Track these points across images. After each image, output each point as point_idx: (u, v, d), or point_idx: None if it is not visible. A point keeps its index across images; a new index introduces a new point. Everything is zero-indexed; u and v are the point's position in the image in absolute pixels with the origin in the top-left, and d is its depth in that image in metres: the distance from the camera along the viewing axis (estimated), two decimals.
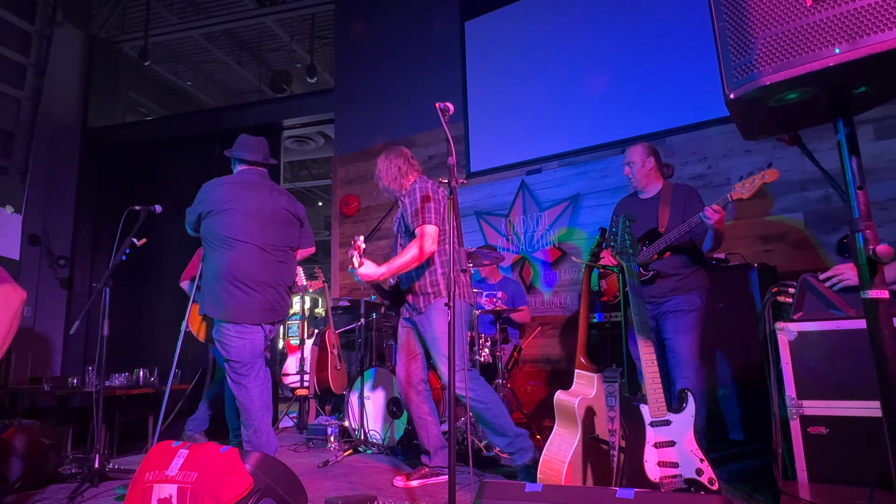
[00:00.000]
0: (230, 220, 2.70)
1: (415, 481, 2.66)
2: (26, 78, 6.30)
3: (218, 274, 2.66)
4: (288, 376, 6.17)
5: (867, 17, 0.96)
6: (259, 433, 2.65)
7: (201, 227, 2.77)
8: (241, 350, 2.65)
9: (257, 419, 2.66)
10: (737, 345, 3.14)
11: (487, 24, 5.27)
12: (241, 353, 2.66)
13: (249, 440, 2.66)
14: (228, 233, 2.68)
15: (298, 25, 7.82)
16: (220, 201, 2.72)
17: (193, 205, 2.79)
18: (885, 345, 1.06)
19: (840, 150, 1.14)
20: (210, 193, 2.75)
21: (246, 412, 2.66)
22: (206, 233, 2.74)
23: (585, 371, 2.37)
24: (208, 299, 2.69)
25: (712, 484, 1.94)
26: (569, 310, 4.52)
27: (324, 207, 13.12)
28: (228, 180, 2.83)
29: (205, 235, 2.75)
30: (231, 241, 2.68)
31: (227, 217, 2.70)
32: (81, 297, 6.64)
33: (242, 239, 2.69)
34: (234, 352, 2.65)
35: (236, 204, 2.71)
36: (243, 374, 2.67)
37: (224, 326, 2.66)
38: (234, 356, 2.66)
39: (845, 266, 2.03)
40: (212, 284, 2.68)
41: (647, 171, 2.93)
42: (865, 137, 3.49)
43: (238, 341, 2.66)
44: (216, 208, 2.71)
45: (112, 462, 3.08)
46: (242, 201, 2.73)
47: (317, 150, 8.69)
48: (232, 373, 2.67)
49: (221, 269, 2.66)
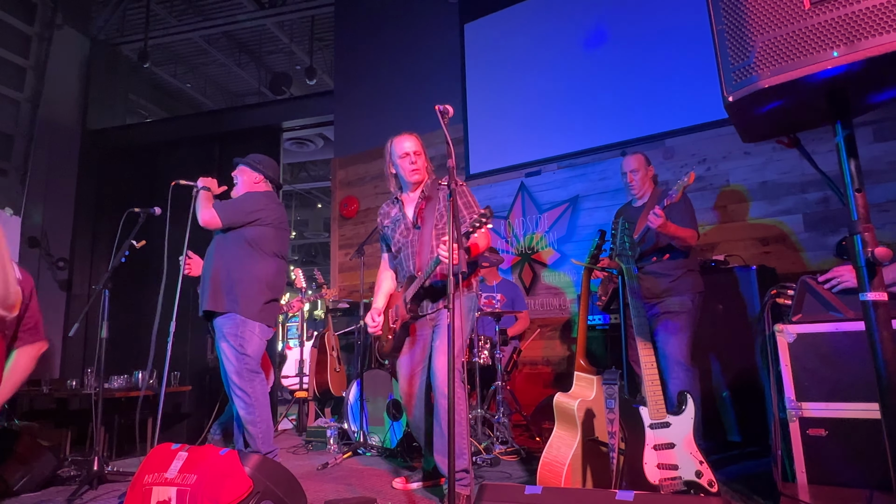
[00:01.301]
0: (284, 237, 3.03)
1: (415, 483, 2.65)
2: (26, 80, 6.30)
3: (262, 279, 2.86)
4: (287, 378, 6.18)
5: (865, 21, 0.97)
6: (264, 422, 2.78)
7: (251, 231, 2.87)
8: (258, 348, 2.84)
9: (264, 411, 2.79)
10: (736, 346, 3.14)
11: (487, 27, 5.28)
12: (258, 351, 2.84)
13: (256, 435, 2.73)
14: (280, 250, 2.98)
15: (298, 27, 7.82)
16: (279, 219, 2.98)
17: (250, 206, 2.89)
18: (884, 347, 1.07)
19: (839, 153, 1.14)
20: (271, 206, 2.95)
21: (256, 405, 2.75)
22: (259, 239, 2.88)
23: (585, 373, 2.37)
24: (242, 298, 2.79)
25: (712, 486, 1.94)
26: (568, 312, 4.52)
27: (323, 209, 13.13)
28: (277, 198, 3.10)
29: (255, 240, 2.88)
30: (280, 256, 2.98)
31: (282, 234, 3.00)
32: (80, 299, 6.62)
33: (285, 256, 3.06)
34: (253, 348, 2.80)
35: (285, 224, 3.05)
36: (257, 370, 2.82)
37: (250, 324, 2.79)
38: (253, 353, 2.80)
39: (844, 268, 2.03)
40: (252, 285, 2.83)
41: (648, 179, 3.08)
42: (864, 140, 3.50)
43: (258, 340, 2.83)
44: (275, 223, 2.95)
45: (111, 464, 3.07)
46: (285, 222, 3.06)
47: (316, 151, 8.69)
48: (247, 368, 2.76)
49: (268, 277, 2.88)
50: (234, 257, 2.84)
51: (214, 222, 2.84)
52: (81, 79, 7.18)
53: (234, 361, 2.74)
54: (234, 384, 2.74)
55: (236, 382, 2.73)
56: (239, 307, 2.77)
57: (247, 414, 2.73)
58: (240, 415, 2.75)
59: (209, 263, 2.90)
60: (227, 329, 2.75)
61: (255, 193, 2.98)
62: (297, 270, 4.36)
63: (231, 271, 2.80)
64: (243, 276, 2.82)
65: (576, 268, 4.48)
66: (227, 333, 2.75)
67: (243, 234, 2.86)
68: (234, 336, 2.75)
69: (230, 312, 2.76)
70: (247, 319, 2.78)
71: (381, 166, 5.62)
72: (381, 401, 3.67)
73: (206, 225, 2.85)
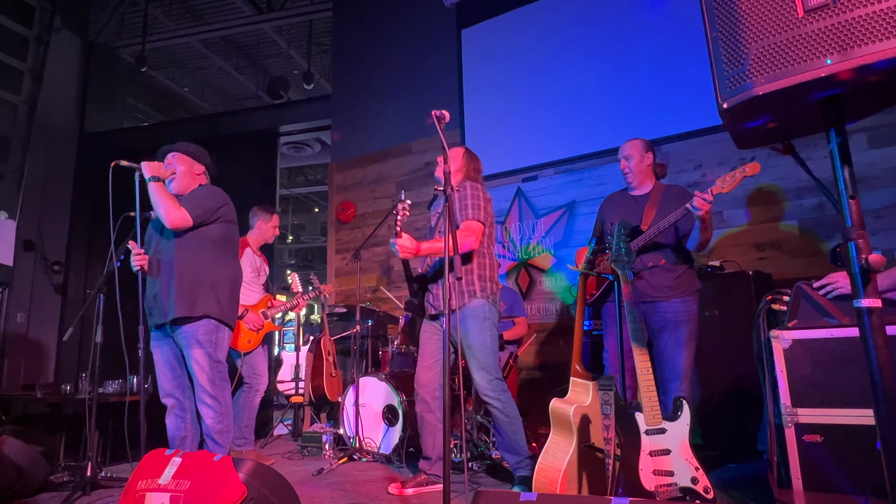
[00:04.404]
0: (238, 237, 2.90)
1: (410, 489, 2.64)
2: (23, 83, 6.30)
3: (231, 282, 2.75)
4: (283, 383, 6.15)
5: (859, 29, 0.97)
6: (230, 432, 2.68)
7: (215, 230, 2.71)
8: (226, 354, 2.73)
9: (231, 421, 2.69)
10: (731, 352, 3.14)
11: (484, 32, 5.30)
12: (225, 357, 2.73)
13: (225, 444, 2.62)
14: (235, 251, 2.87)
15: (296, 32, 7.84)
16: (235, 217, 2.84)
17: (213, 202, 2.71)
18: (879, 353, 1.07)
19: (832, 160, 1.15)
20: (228, 203, 2.80)
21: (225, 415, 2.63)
22: (222, 239, 2.74)
23: (580, 379, 2.37)
24: (217, 302, 2.64)
25: (707, 492, 1.94)
26: (564, 317, 4.52)
27: (320, 214, 13.13)
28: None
29: (219, 240, 2.72)
30: (235, 257, 2.85)
31: (237, 234, 2.87)
32: (76, 303, 6.60)
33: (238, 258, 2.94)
34: (223, 354, 2.69)
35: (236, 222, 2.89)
36: (227, 377, 2.72)
37: (223, 329, 2.67)
38: (223, 359, 2.69)
39: (839, 274, 2.03)
40: (224, 288, 2.70)
41: (644, 167, 2.85)
42: (859, 146, 3.52)
43: (227, 346, 2.72)
44: (233, 221, 2.82)
45: (104, 470, 3.05)
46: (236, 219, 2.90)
47: (313, 156, 8.69)
48: (219, 376, 2.64)
49: (234, 279, 2.78)
50: (201, 258, 2.64)
51: (185, 223, 2.59)
52: (79, 82, 7.17)
53: (208, 369, 2.58)
54: (205, 393, 2.58)
55: (208, 391, 2.57)
56: (216, 311, 2.62)
57: (216, 423, 2.58)
58: (208, 425, 2.59)
59: (169, 265, 2.63)
60: (201, 334, 2.58)
61: (212, 188, 2.79)
62: (294, 275, 4.34)
63: (201, 273, 2.62)
64: (216, 278, 2.65)
65: (572, 273, 4.48)
66: (202, 339, 2.58)
67: (207, 234, 2.67)
68: (210, 342, 2.60)
69: (206, 318, 2.60)
70: (220, 324, 2.64)
71: (378, 171, 5.68)
72: (376, 406, 3.65)
73: (174, 226, 2.58)
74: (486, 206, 2.74)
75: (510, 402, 2.63)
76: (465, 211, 2.67)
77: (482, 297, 2.67)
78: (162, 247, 2.69)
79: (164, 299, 2.60)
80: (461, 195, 2.72)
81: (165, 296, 2.60)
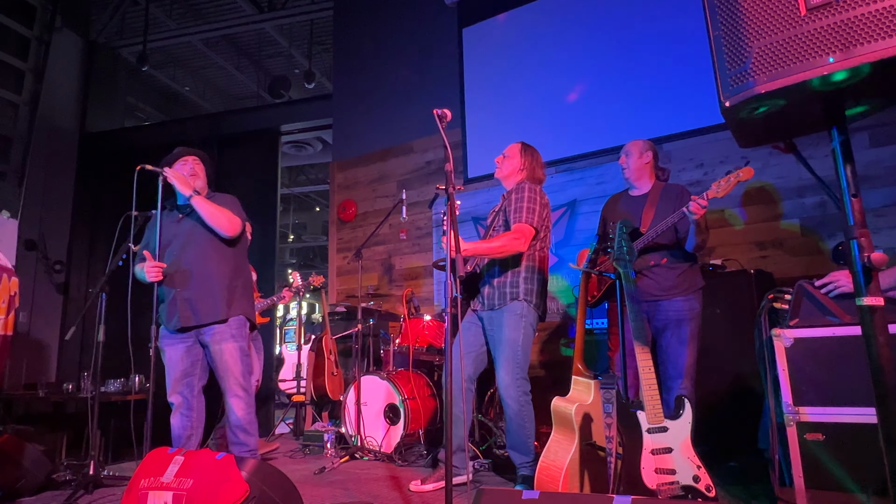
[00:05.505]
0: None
1: (430, 485, 2.68)
2: (24, 83, 6.30)
3: (252, 283, 2.93)
4: (284, 382, 6.16)
5: (861, 27, 0.97)
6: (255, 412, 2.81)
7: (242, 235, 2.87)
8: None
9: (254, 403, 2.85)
10: (733, 351, 3.13)
11: (485, 31, 5.29)
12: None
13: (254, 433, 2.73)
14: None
15: (297, 31, 7.84)
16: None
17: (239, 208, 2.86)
18: (880, 352, 1.07)
19: (834, 158, 1.15)
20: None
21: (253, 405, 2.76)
22: (244, 243, 2.91)
23: (582, 377, 2.37)
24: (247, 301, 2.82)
25: (709, 491, 1.94)
26: (566, 316, 4.52)
27: (321, 213, 13.12)
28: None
29: (243, 243, 2.89)
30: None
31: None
32: (77, 302, 6.61)
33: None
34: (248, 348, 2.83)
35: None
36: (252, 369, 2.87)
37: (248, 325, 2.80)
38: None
39: (841, 272, 2.03)
40: (249, 289, 2.87)
41: (641, 165, 2.86)
42: (861, 145, 3.51)
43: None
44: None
45: (107, 469, 3.06)
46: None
47: (315, 155, 8.69)
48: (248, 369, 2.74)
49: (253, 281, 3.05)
50: (236, 262, 2.82)
51: (239, 230, 2.76)
52: (80, 82, 7.17)
53: (241, 363, 2.70)
54: (238, 384, 2.68)
55: (241, 383, 2.69)
56: (249, 310, 2.81)
57: (247, 414, 2.69)
58: (239, 416, 2.65)
59: (207, 268, 2.68)
60: (234, 329, 2.71)
61: (226, 194, 2.92)
62: (295, 274, 4.35)
63: (236, 276, 2.79)
64: (246, 280, 2.86)
65: (573, 272, 4.48)
66: (236, 334, 2.71)
67: (238, 239, 2.85)
68: (242, 336, 2.74)
69: (239, 315, 2.74)
70: (246, 321, 2.79)
71: (379, 170, 5.67)
72: (378, 405, 3.66)
73: (234, 234, 2.71)
74: (541, 211, 2.73)
75: (528, 406, 2.66)
76: (520, 213, 2.68)
77: (524, 299, 2.68)
78: (189, 253, 2.69)
79: (197, 303, 2.65)
80: (518, 196, 2.73)
81: (200, 300, 2.65)
